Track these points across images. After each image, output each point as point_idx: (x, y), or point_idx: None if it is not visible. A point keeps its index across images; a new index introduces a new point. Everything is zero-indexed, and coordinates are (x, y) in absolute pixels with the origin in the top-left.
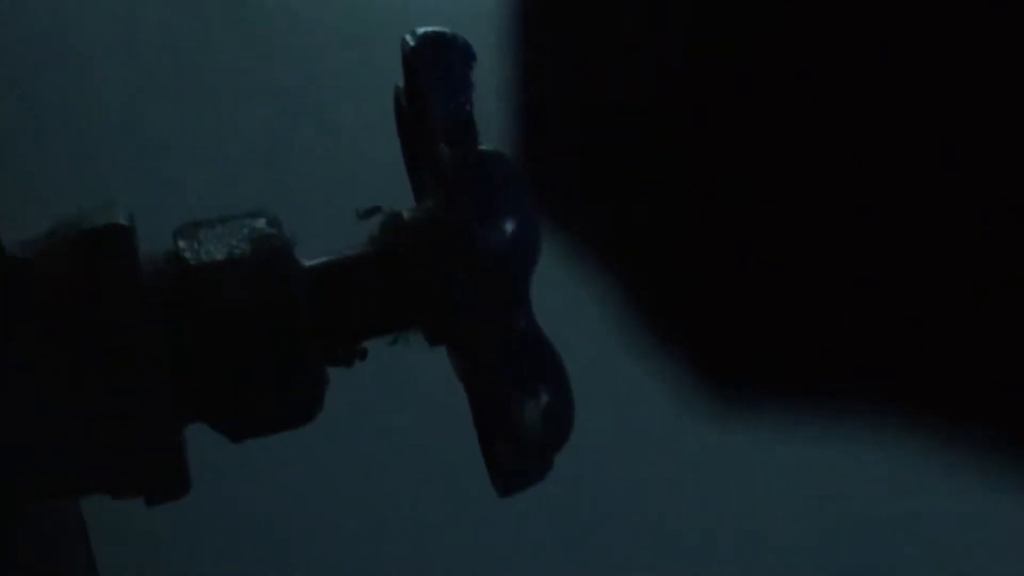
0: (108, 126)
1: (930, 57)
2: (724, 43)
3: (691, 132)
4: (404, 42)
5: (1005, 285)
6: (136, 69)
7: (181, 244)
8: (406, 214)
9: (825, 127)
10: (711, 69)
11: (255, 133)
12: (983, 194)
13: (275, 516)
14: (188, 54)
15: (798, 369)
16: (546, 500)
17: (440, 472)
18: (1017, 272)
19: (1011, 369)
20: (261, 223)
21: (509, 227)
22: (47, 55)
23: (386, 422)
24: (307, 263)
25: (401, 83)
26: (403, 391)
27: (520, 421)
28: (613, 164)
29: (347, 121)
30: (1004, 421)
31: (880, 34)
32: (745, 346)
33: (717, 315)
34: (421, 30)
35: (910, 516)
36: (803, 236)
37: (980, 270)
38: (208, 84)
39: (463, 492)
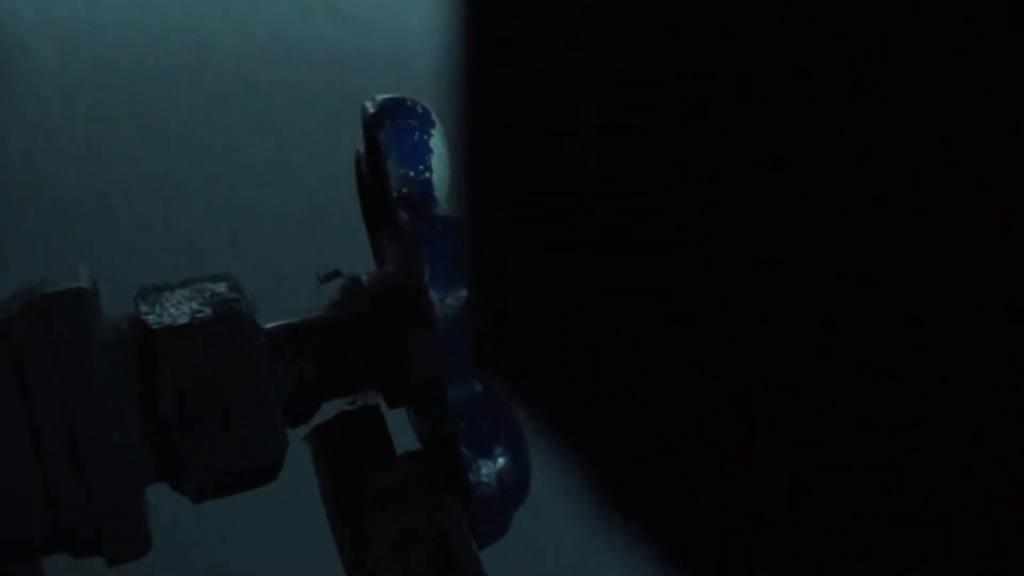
0: (69, 184)
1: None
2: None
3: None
4: (364, 108)
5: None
6: (98, 128)
7: (143, 308)
8: (366, 278)
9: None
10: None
11: (219, 192)
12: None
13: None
14: (152, 113)
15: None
16: None
17: None
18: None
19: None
20: (222, 287)
21: (465, 292)
22: (4, 113)
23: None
24: (267, 326)
25: (362, 148)
26: None
27: (476, 482)
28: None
29: (311, 182)
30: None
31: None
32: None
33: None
34: (380, 97)
35: None
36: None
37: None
38: (172, 142)
39: None
